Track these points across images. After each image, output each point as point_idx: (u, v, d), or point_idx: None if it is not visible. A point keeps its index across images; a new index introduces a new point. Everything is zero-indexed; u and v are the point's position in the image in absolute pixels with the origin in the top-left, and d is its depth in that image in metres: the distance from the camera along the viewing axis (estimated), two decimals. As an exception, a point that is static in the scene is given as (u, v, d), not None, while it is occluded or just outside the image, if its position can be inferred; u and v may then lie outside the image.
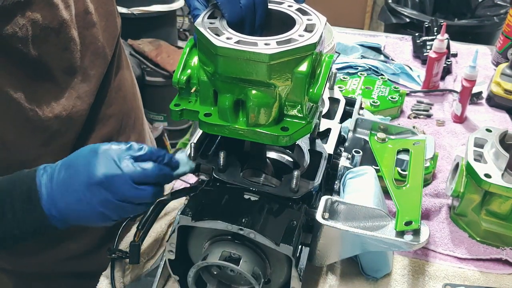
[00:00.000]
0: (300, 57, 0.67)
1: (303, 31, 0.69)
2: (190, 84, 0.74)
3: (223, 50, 0.65)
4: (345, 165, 0.89)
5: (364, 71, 1.51)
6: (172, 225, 0.98)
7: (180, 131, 2.82)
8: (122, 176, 0.70)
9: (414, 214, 0.75)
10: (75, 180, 0.72)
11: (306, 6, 0.75)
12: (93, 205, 0.71)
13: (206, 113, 0.72)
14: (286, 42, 0.67)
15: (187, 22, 4.34)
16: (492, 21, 2.48)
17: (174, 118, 0.74)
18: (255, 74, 0.66)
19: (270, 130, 0.70)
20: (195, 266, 0.74)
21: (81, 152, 0.75)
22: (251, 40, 0.66)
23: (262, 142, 0.71)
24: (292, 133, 0.70)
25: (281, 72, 0.66)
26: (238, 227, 0.70)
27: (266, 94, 0.68)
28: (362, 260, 0.89)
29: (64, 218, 0.73)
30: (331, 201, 0.77)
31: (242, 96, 0.69)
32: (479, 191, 0.96)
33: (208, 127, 0.72)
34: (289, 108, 0.71)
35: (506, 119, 1.38)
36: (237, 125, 0.71)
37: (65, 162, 0.74)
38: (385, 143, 0.95)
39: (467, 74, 1.29)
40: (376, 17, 3.71)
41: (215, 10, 0.72)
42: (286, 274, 0.76)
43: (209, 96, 0.72)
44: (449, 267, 0.94)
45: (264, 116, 0.69)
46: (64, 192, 0.72)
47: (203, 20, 0.70)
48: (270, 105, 0.68)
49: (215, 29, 0.68)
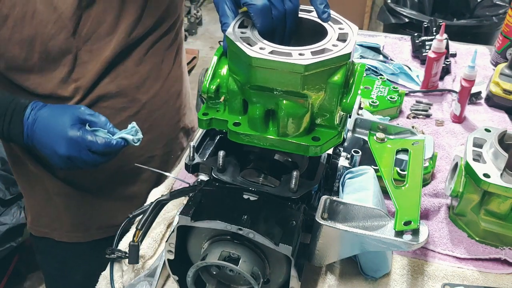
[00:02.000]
0: (334, 67, 0.66)
1: (336, 40, 0.69)
2: (219, 93, 0.73)
3: (257, 61, 0.64)
4: (344, 165, 0.89)
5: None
6: (171, 225, 0.98)
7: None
8: None
9: (413, 214, 0.75)
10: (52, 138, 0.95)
11: (335, 14, 0.74)
12: None
13: (235, 123, 0.72)
14: (320, 52, 0.66)
15: (186, 22, 4.34)
16: (491, 21, 2.49)
17: (202, 127, 0.74)
18: (288, 85, 0.65)
19: (301, 140, 0.69)
20: (194, 266, 0.74)
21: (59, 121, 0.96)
22: (285, 51, 0.65)
23: (292, 152, 0.71)
24: (324, 143, 0.70)
25: (315, 82, 0.66)
26: (237, 227, 0.70)
27: (298, 104, 0.67)
28: (361, 260, 0.90)
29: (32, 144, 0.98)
30: (330, 201, 0.77)
31: (273, 106, 0.68)
32: (478, 191, 0.96)
33: (238, 136, 0.71)
34: (321, 118, 0.70)
35: (505, 119, 1.38)
36: (268, 135, 0.70)
37: (50, 111, 0.97)
38: (384, 143, 0.95)
39: (466, 74, 1.29)
40: (375, 17, 3.71)
41: (245, 19, 0.72)
42: (285, 274, 0.76)
43: (238, 105, 0.72)
44: (448, 266, 0.94)
45: (295, 126, 0.69)
46: (42, 136, 0.96)
47: (234, 29, 0.69)
48: (302, 115, 0.68)
49: (247, 39, 0.68)
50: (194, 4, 4.42)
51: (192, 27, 4.41)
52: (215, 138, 0.90)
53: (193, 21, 4.40)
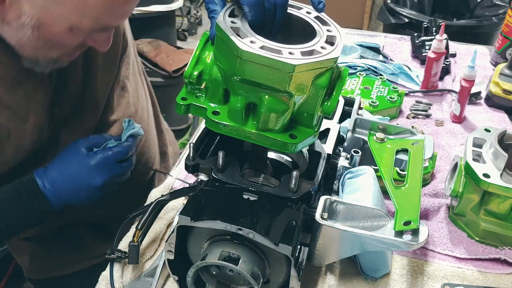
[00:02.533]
0: (321, 69, 0.66)
1: (324, 42, 0.69)
2: (201, 79, 0.72)
3: (248, 55, 0.64)
4: (344, 165, 0.89)
5: (363, 71, 1.51)
6: (171, 225, 0.98)
7: (180, 131, 2.82)
8: None
9: (413, 214, 0.75)
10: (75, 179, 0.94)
11: (324, 15, 0.74)
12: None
13: (215, 111, 0.71)
14: (309, 53, 0.66)
15: (186, 22, 4.33)
16: (491, 21, 2.49)
17: (178, 112, 0.73)
18: (275, 81, 0.65)
19: (279, 137, 0.69)
20: (194, 266, 0.74)
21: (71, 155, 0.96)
22: (275, 47, 0.65)
23: (269, 147, 0.71)
24: (300, 141, 0.70)
25: (300, 82, 0.66)
26: (237, 227, 0.69)
27: (281, 101, 0.67)
28: (361, 260, 0.90)
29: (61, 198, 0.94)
30: (330, 201, 0.77)
31: (256, 100, 0.68)
32: (478, 191, 0.96)
33: (216, 125, 0.71)
34: (300, 117, 0.71)
35: (504, 119, 1.38)
36: (246, 128, 0.70)
37: (57, 165, 0.95)
38: (384, 143, 0.95)
39: (465, 74, 1.29)
40: (375, 17, 3.71)
41: (235, 8, 0.71)
42: (285, 274, 0.76)
43: (219, 94, 0.72)
44: (448, 266, 0.94)
45: (275, 122, 0.69)
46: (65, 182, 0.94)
47: (224, 18, 0.69)
48: (282, 112, 0.68)
49: (237, 30, 0.67)
50: (194, 4, 4.42)
51: (192, 27, 4.41)
52: (215, 138, 0.89)
53: (193, 21, 4.40)
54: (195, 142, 0.83)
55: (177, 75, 2.57)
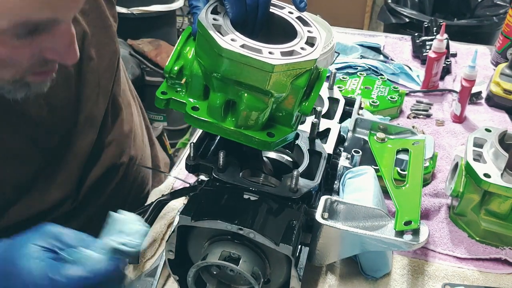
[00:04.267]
0: (301, 70, 0.67)
1: (305, 43, 0.69)
2: (181, 74, 0.72)
3: (228, 52, 0.64)
4: (345, 165, 0.89)
5: (364, 71, 1.51)
6: (171, 225, 0.98)
7: (180, 130, 2.82)
8: None
9: (414, 214, 0.75)
10: None
11: (305, 16, 0.75)
12: None
13: (194, 107, 0.72)
14: (289, 53, 0.67)
15: (186, 22, 4.33)
16: (492, 21, 2.48)
17: (158, 106, 0.73)
18: (254, 80, 0.66)
19: (256, 134, 0.70)
20: (194, 266, 0.74)
21: None
22: (255, 46, 0.65)
23: (247, 144, 0.72)
24: (277, 140, 0.71)
25: (279, 82, 0.66)
26: (237, 226, 0.70)
27: (260, 100, 0.68)
28: (361, 260, 0.90)
29: None
30: (331, 201, 0.77)
31: (235, 97, 0.69)
32: (478, 191, 0.96)
33: (194, 121, 0.71)
34: (279, 116, 0.71)
35: (505, 119, 1.38)
36: (225, 125, 0.70)
37: None
38: (384, 143, 0.95)
39: (466, 74, 1.29)
40: (375, 17, 3.71)
41: (218, 5, 0.72)
42: (286, 274, 0.76)
43: (199, 90, 0.72)
44: (449, 266, 0.94)
45: (253, 120, 0.69)
46: None
47: (206, 15, 0.69)
48: (261, 111, 0.69)
49: (218, 27, 0.67)
50: (194, 4, 4.41)
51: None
52: (215, 137, 0.89)
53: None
54: (195, 142, 0.83)
55: (178, 75, 2.57)
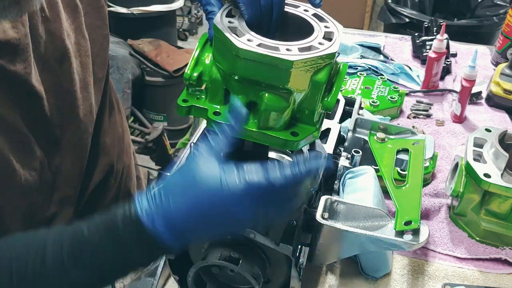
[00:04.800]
0: (319, 65, 0.66)
1: (322, 38, 0.69)
2: (201, 81, 0.73)
3: (245, 53, 0.64)
4: (345, 165, 0.89)
5: (364, 71, 1.51)
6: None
7: (180, 131, 2.82)
8: None
9: (414, 214, 0.75)
10: None
11: (321, 12, 0.74)
12: None
13: (216, 112, 0.71)
14: (307, 49, 0.66)
15: (186, 22, 4.34)
16: (492, 21, 2.48)
17: (180, 114, 0.73)
18: (273, 79, 0.65)
19: (280, 135, 0.69)
20: (195, 266, 0.74)
21: None
22: (272, 44, 0.65)
23: (271, 145, 0.71)
24: (302, 138, 0.70)
25: (299, 78, 0.66)
26: (237, 227, 0.69)
27: (281, 99, 0.67)
28: (361, 260, 0.90)
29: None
30: (331, 201, 0.77)
31: (256, 99, 0.69)
32: (478, 191, 0.96)
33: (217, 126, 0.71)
34: (301, 114, 0.71)
35: (505, 119, 1.38)
36: (247, 127, 0.70)
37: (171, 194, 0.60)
38: (384, 143, 0.95)
39: (466, 74, 1.29)
40: (375, 17, 3.71)
41: (232, 9, 0.72)
42: (286, 274, 0.76)
43: (219, 94, 0.72)
44: (449, 266, 0.94)
45: (275, 120, 0.69)
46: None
47: (221, 18, 0.69)
48: (283, 110, 0.68)
49: (234, 29, 0.67)
50: (194, 4, 4.41)
51: (192, 27, 4.41)
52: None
53: (193, 21, 4.40)
54: (196, 142, 0.83)
55: (178, 75, 2.57)
